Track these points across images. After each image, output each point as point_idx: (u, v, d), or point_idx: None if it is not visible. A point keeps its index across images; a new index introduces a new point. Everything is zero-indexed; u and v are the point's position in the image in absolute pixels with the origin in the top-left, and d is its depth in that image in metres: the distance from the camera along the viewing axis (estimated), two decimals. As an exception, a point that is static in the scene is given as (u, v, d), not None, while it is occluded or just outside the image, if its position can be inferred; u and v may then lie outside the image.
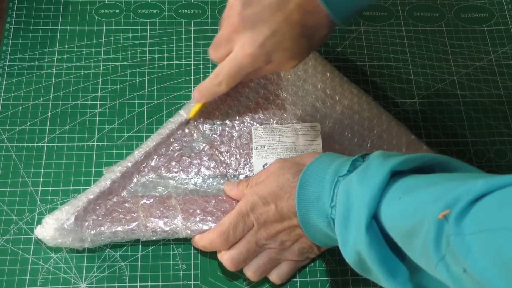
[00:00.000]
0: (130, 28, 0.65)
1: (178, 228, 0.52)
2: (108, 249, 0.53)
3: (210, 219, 0.52)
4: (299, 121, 0.58)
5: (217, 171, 0.56)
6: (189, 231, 0.52)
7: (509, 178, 0.32)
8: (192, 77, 0.62)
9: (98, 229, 0.51)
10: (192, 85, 0.62)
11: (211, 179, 0.55)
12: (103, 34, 0.64)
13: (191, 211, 0.53)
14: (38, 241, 0.52)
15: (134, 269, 0.52)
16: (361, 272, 0.43)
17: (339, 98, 0.59)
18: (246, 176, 0.55)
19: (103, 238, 0.51)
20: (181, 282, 0.52)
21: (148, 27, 0.65)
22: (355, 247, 0.40)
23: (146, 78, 0.62)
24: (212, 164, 0.56)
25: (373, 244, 0.39)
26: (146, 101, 0.60)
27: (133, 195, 0.54)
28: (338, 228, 0.42)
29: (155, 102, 0.60)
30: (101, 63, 0.63)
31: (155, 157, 0.56)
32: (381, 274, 0.39)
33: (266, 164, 0.56)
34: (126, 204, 0.53)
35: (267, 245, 0.50)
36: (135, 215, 0.52)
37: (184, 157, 0.56)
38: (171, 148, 0.56)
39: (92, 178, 0.56)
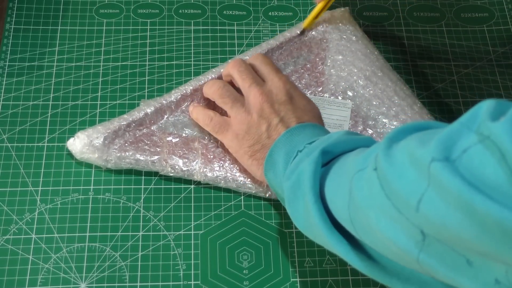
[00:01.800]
0: (130, 28, 0.65)
1: (194, 171, 0.55)
2: (108, 249, 0.53)
3: (227, 167, 0.55)
4: (331, 96, 0.60)
5: None
6: (204, 176, 0.55)
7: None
8: (192, 77, 0.62)
9: (123, 153, 0.55)
10: (192, 85, 0.62)
11: None
12: (103, 34, 0.65)
13: (210, 157, 0.56)
14: (68, 154, 0.56)
15: (134, 269, 0.52)
16: (312, 237, 0.45)
17: (376, 81, 0.60)
18: None
19: (125, 162, 0.55)
20: (181, 282, 0.52)
21: (148, 27, 0.66)
22: (304, 206, 0.43)
23: (146, 78, 0.62)
24: None
25: (318, 208, 0.41)
26: (147, 99, 0.60)
27: (161, 131, 0.57)
28: (288, 197, 0.45)
29: (155, 102, 0.60)
30: (101, 63, 0.63)
31: (190, 100, 0.58)
32: (331, 241, 0.40)
33: None
34: (153, 137, 0.56)
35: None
36: (159, 149, 0.55)
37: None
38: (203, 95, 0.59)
39: (92, 178, 0.56)
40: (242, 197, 0.57)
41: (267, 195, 0.55)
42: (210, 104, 0.58)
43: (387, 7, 0.70)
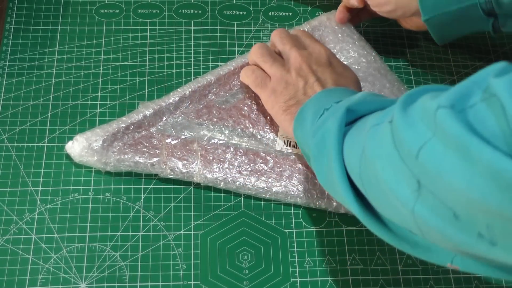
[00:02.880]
0: (130, 28, 0.65)
1: (194, 173, 0.55)
2: (108, 249, 0.53)
3: (227, 168, 0.55)
4: None
5: (243, 126, 0.58)
6: (203, 178, 0.55)
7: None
8: (192, 77, 0.62)
9: (122, 156, 0.55)
10: (192, 85, 0.62)
11: (236, 132, 0.58)
12: (103, 34, 0.65)
13: (210, 158, 0.56)
14: (67, 156, 0.56)
15: (134, 269, 0.52)
16: (332, 193, 0.47)
17: (374, 81, 0.61)
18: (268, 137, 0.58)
19: (124, 165, 0.55)
20: (181, 282, 0.52)
21: (148, 27, 0.66)
22: (327, 171, 0.44)
23: (146, 78, 0.62)
24: (240, 119, 0.58)
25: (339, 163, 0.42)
26: (146, 101, 0.60)
27: (160, 133, 0.57)
28: (313, 153, 0.46)
29: (155, 102, 0.60)
30: (101, 63, 0.63)
31: (188, 102, 0.58)
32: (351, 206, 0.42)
33: None
34: (152, 140, 0.56)
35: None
36: (158, 151, 0.56)
37: (215, 108, 0.58)
38: (205, 97, 0.59)
39: (92, 178, 0.56)
40: (242, 197, 0.57)
41: (267, 196, 0.55)
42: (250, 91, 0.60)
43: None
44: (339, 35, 0.63)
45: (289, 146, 0.57)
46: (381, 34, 0.68)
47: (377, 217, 0.41)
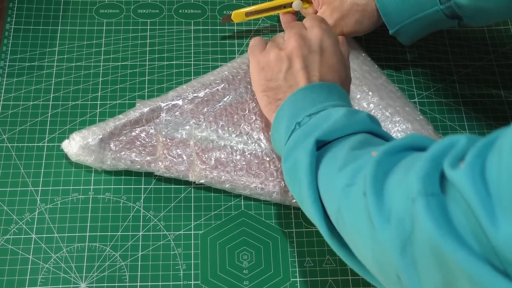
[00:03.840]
0: (130, 28, 0.65)
1: (189, 172, 0.55)
2: (108, 249, 0.53)
3: (221, 168, 0.55)
4: None
5: (239, 126, 0.58)
6: (199, 177, 0.55)
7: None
8: (192, 77, 0.62)
9: (119, 154, 0.55)
10: (192, 85, 0.62)
11: (231, 134, 0.57)
12: (103, 34, 0.65)
13: (204, 159, 0.56)
14: (64, 155, 0.56)
15: (134, 269, 0.52)
16: (304, 210, 0.47)
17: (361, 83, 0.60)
18: (259, 140, 0.58)
19: (121, 163, 0.55)
20: (181, 282, 0.52)
21: (148, 27, 0.66)
22: (300, 198, 0.45)
23: (146, 78, 0.62)
24: (235, 120, 0.58)
25: (315, 201, 0.43)
26: (143, 100, 0.60)
27: (156, 131, 0.57)
28: (286, 176, 0.47)
29: (155, 102, 0.60)
30: (101, 63, 0.63)
31: (186, 101, 0.58)
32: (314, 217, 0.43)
33: None
34: (148, 139, 0.56)
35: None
36: (154, 149, 0.56)
37: (211, 108, 0.58)
38: (201, 97, 0.59)
39: (92, 178, 0.56)
40: (242, 197, 0.57)
41: (262, 198, 0.55)
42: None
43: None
44: None
45: None
46: (381, 34, 0.68)
47: (347, 247, 0.42)
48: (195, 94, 0.59)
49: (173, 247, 0.53)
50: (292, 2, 0.63)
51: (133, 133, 0.56)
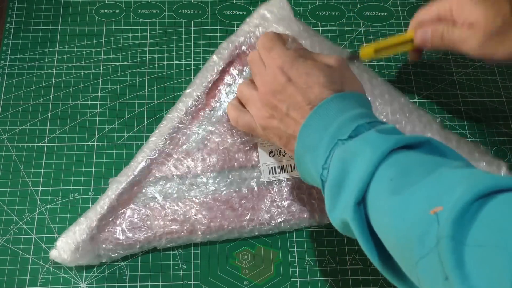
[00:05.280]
0: (130, 28, 0.65)
1: (192, 236, 0.52)
2: (108, 249, 0.53)
3: (226, 222, 0.52)
4: None
5: (225, 166, 0.54)
6: (207, 236, 0.52)
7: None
8: (192, 77, 0.62)
9: (113, 245, 0.51)
10: (192, 85, 0.62)
11: (221, 178, 0.54)
12: (103, 34, 0.65)
13: (207, 219, 0.52)
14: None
15: (134, 269, 0.52)
16: (347, 234, 0.42)
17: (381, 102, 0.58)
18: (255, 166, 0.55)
19: (119, 251, 0.51)
20: (181, 282, 0.52)
21: (148, 27, 0.66)
22: (342, 216, 0.40)
23: (146, 78, 0.62)
24: (220, 158, 0.54)
25: (358, 223, 0.38)
26: (146, 101, 0.60)
27: (142, 206, 0.52)
28: (328, 193, 0.41)
29: (155, 102, 0.60)
30: (101, 63, 0.63)
31: (160, 161, 0.54)
32: (364, 249, 0.39)
33: (271, 152, 0.55)
34: (137, 216, 0.52)
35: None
36: (151, 224, 0.52)
37: (187, 155, 0.54)
38: (175, 146, 0.55)
39: (92, 178, 0.56)
40: (242, 197, 0.56)
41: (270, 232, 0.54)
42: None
43: (387, 7, 0.70)
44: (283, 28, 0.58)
45: (275, 173, 0.54)
46: (381, 34, 0.68)
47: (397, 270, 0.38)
48: (164, 147, 0.54)
49: (173, 247, 0.53)
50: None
51: (120, 218, 0.52)
